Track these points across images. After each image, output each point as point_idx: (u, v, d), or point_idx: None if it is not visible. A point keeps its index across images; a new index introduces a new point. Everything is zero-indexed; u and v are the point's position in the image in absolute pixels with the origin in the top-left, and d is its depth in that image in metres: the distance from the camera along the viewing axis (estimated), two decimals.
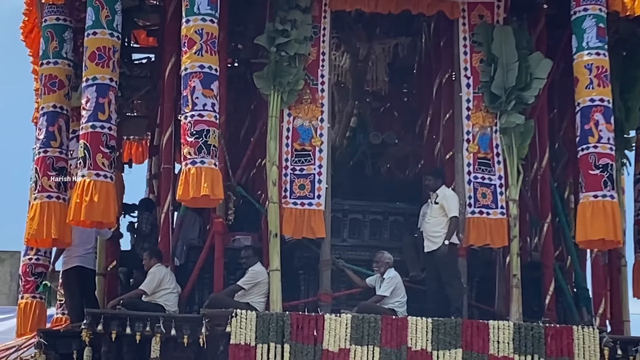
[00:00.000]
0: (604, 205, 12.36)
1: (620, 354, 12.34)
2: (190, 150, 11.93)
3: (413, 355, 11.82)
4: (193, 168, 11.83)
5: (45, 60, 13.65)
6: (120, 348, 11.98)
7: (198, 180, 11.78)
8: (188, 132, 12.02)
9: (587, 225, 12.39)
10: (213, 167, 11.95)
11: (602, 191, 12.43)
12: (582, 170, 12.71)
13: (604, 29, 12.71)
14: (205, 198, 11.91)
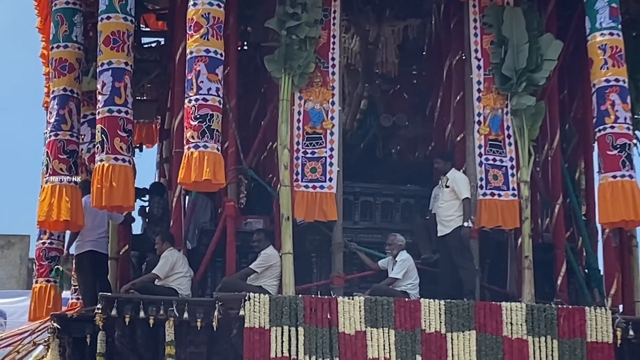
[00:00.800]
0: (623, 185, 12.39)
1: (633, 335, 12.36)
2: (194, 134, 11.98)
3: (427, 338, 11.84)
4: (196, 152, 11.89)
5: (55, 44, 13.67)
6: (134, 332, 12.02)
7: (200, 165, 11.82)
8: (192, 115, 12.06)
9: (609, 206, 12.42)
10: (216, 151, 11.99)
11: (621, 171, 12.45)
12: (600, 151, 12.73)
13: (616, 9, 12.71)
14: (207, 182, 11.96)
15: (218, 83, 12.19)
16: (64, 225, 13.66)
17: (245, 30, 14.08)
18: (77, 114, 13.67)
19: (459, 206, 12.71)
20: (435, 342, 11.86)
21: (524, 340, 11.95)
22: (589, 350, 12.04)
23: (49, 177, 13.29)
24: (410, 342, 11.84)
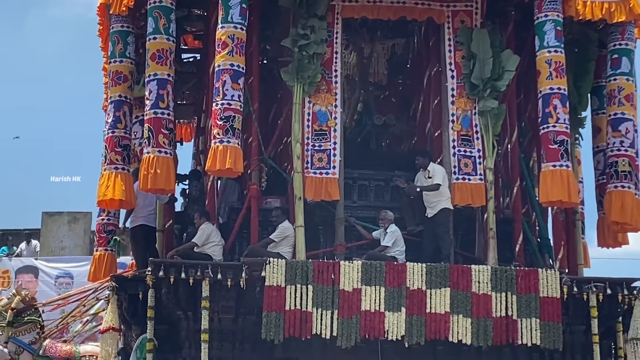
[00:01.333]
0: (561, 173, 12.55)
1: (576, 291, 12.42)
2: (219, 131, 12.20)
3: (411, 294, 11.96)
4: (220, 146, 12.11)
5: (112, 60, 13.79)
6: (177, 290, 12.11)
7: (223, 156, 12.03)
8: (218, 116, 12.28)
9: (548, 189, 12.57)
10: (236, 145, 12.21)
11: (560, 162, 12.59)
12: (543, 145, 12.87)
13: (561, 31, 12.81)
14: (228, 170, 12.17)
15: (239, 91, 12.36)
16: (118, 205, 13.85)
17: (265, 48, 14.10)
18: (130, 116, 13.84)
19: (441, 192, 12.86)
20: (417, 297, 11.98)
21: (488, 295, 12.07)
22: (541, 303, 12.13)
23: (106, 166, 13.44)
24: (397, 297, 11.96)
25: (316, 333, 11.78)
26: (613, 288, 12.57)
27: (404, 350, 11.98)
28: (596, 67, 14.26)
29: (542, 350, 12.23)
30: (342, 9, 13.44)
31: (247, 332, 12.17)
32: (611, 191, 13.24)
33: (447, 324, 11.98)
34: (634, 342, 12.41)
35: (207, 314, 11.93)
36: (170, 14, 12.88)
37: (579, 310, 12.53)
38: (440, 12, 13.60)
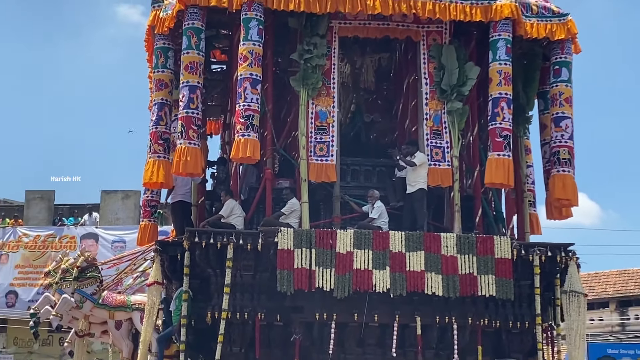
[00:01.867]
0: (503, 161, 12.73)
1: (523, 253, 12.63)
2: (241, 127, 12.32)
3: (393, 255, 12.14)
4: (242, 139, 12.25)
5: (156, 70, 13.93)
6: (207, 252, 12.28)
7: (244, 147, 12.18)
8: (240, 115, 12.38)
9: (493, 173, 12.74)
10: (255, 139, 12.33)
11: (503, 152, 12.75)
12: (490, 137, 12.98)
13: (510, 48, 12.87)
14: (249, 158, 12.34)
15: (257, 95, 12.45)
16: (159, 186, 14.02)
17: (277, 60, 14.06)
18: (169, 114, 13.96)
19: (420, 174, 12.95)
20: (398, 258, 12.16)
21: (454, 257, 12.26)
22: (496, 263, 12.32)
23: (151, 155, 13.53)
24: (382, 258, 12.13)
25: (318, 286, 11.96)
26: (552, 251, 12.76)
27: (389, 300, 12.12)
28: (541, 76, 14.28)
29: (497, 300, 12.37)
30: (338, 29, 13.48)
31: (263, 285, 12.31)
32: (554, 174, 13.35)
33: (422, 280, 12.13)
34: (568, 294, 12.65)
35: (231, 271, 12.09)
36: (201, 33, 12.95)
37: (525, 269, 12.66)
38: (416, 32, 13.65)
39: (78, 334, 15.18)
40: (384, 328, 12.26)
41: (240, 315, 12.19)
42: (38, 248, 28.34)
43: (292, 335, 12.25)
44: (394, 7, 12.79)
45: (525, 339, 12.81)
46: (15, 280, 28.11)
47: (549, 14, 13.35)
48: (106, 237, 28.08)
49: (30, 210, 30.07)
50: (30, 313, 15.65)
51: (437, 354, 12.45)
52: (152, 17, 13.71)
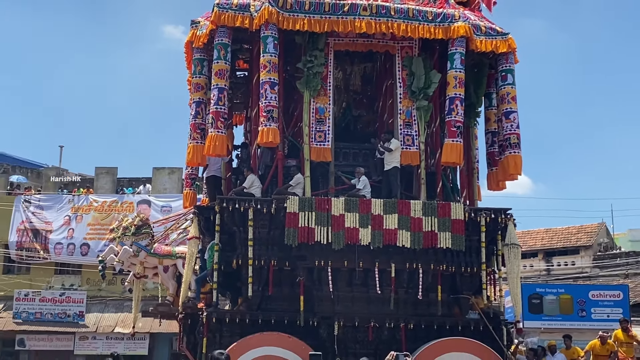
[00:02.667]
0: (456, 145, 12.76)
1: (473, 216, 12.65)
2: (264, 119, 12.28)
3: (374, 217, 12.15)
4: (265, 128, 12.19)
5: (194, 75, 13.93)
6: (233, 214, 12.27)
7: (267, 134, 12.17)
8: (263, 110, 12.33)
9: (448, 155, 12.77)
10: (275, 128, 12.27)
11: (456, 138, 12.76)
12: (447, 128, 12.90)
13: (463, 59, 12.85)
14: (270, 142, 12.30)
15: (275, 94, 12.44)
16: (197, 164, 14.17)
17: (286, 68, 13.97)
18: (205, 110, 13.86)
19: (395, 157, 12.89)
20: (378, 219, 12.17)
21: (420, 218, 12.27)
22: (452, 223, 12.33)
23: (191, 140, 13.61)
24: (366, 219, 12.15)
25: (317, 240, 12.00)
26: (495, 214, 12.81)
27: (370, 251, 12.16)
28: (487, 81, 14.26)
29: (452, 251, 12.37)
30: (333, 44, 13.44)
31: (275, 239, 12.28)
32: (508, 155, 13.40)
33: (395, 235, 12.17)
34: (507, 246, 12.70)
35: (251, 229, 12.16)
36: (228, 47, 12.89)
37: (474, 227, 12.68)
38: (393, 47, 13.59)
39: (135, 276, 15.22)
40: (367, 272, 12.25)
41: (258, 262, 12.20)
42: (105, 211, 28.46)
43: (297, 277, 12.31)
44: (375, 27, 12.77)
45: (474, 281, 12.80)
46: (87, 235, 28.27)
47: (494, 33, 13.27)
48: (156, 203, 28.16)
49: (98, 182, 30.15)
50: (99, 260, 15.71)
51: (407, 292, 12.45)
52: (191, 34, 13.69)
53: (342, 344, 12.06)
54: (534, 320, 25.53)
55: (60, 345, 26.90)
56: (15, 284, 28.02)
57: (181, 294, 13.33)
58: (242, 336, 11.67)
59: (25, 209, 28.76)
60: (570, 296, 26.01)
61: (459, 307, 12.91)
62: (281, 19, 12.55)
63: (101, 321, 27.28)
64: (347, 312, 12.19)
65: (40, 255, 28.30)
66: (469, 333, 12.36)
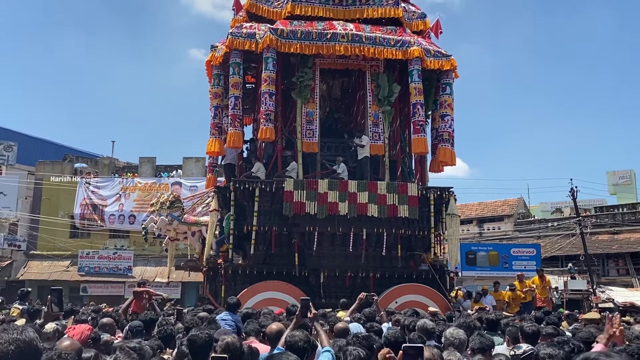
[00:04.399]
0: (422, 140, 12.67)
1: (424, 192, 12.62)
2: (263, 120, 12.17)
3: (350, 194, 12.04)
4: (264, 127, 12.11)
5: (213, 86, 13.68)
6: (244, 192, 12.18)
7: (265, 132, 12.10)
8: (263, 114, 12.21)
9: (416, 146, 12.66)
10: (272, 127, 12.18)
11: (420, 134, 12.63)
12: (413, 126, 12.77)
13: (420, 74, 12.75)
14: (267, 138, 12.19)
15: (272, 102, 12.29)
16: (216, 154, 13.90)
17: (284, 81, 13.74)
18: (222, 113, 13.71)
19: (365, 149, 12.81)
20: (353, 196, 12.06)
21: (384, 195, 12.15)
22: (409, 198, 12.25)
23: (211, 136, 13.46)
24: (344, 195, 12.04)
25: (307, 212, 11.92)
26: (441, 191, 12.80)
27: (347, 220, 12.07)
28: (435, 90, 14.08)
29: (409, 219, 12.29)
30: (319, 63, 13.28)
31: (275, 211, 12.18)
32: (441, 147, 13.27)
33: (366, 207, 12.08)
34: (449, 215, 12.69)
35: (257, 203, 12.09)
36: (240, 65, 12.71)
37: (425, 201, 12.64)
38: (364, 65, 13.47)
39: (170, 239, 15.19)
40: (345, 235, 12.20)
41: (263, 228, 12.14)
42: (146, 190, 28.29)
43: (292, 240, 12.29)
44: (351, 51, 12.68)
45: (425, 241, 12.75)
46: (133, 208, 28.15)
47: (440, 55, 13.18)
48: (186, 184, 28.00)
49: (142, 168, 29.95)
50: (142, 227, 15.69)
51: (375, 250, 12.40)
52: (210, 56, 13.55)
53: (327, 289, 12.09)
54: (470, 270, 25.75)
55: (113, 292, 26.96)
56: (79, 245, 27.99)
57: (205, 253, 13.32)
58: (251, 284, 11.68)
59: (86, 188, 28.61)
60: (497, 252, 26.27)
61: (413, 261, 12.94)
62: (279, 44, 12.44)
63: (144, 273, 27.25)
64: (330, 265, 12.19)
65: (98, 224, 28.22)
66: (421, 280, 12.41)
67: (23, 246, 28.13)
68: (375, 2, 13.34)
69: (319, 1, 13.25)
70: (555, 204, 43.83)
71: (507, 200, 37.92)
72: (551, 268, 28.48)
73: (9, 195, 28.16)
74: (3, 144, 29.47)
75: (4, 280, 27.05)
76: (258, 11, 13.58)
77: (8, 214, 27.86)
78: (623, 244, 28.95)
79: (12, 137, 33.96)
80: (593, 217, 31.06)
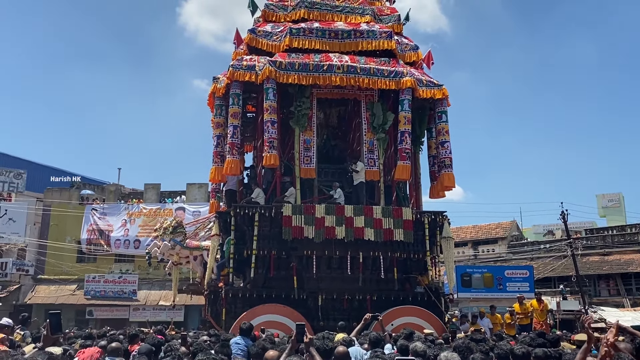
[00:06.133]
0: (407, 167, 12.66)
1: (419, 217, 12.57)
2: (267, 147, 12.12)
3: (347, 218, 11.98)
4: (268, 154, 12.08)
5: (215, 117, 13.71)
6: (244, 217, 12.10)
7: (269, 158, 12.10)
8: (266, 141, 12.19)
9: (400, 173, 12.66)
10: (275, 154, 12.15)
11: (406, 161, 12.64)
12: (399, 153, 12.76)
13: (410, 103, 12.78)
14: (272, 164, 12.19)
15: (275, 130, 12.30)
16: (218, 181, 13.95)
17: (283, 111, 13.69)
18: (223, 142, 13.59)
19: (360, 175, 12.78)
20: (349, 220, 11.98)
21: (380, 219, 12.05)
22: (404, 222, 12.18)
23: (213, 164, 13.44)
24: (341, 220, 11.96)
25: (305, 236, 11.85)
26: (435, 215, 12.76)
27: (344, 243, 11.98)
28: (428, 119, 14.16)
29: (404, 242, 12.20)
30: (316, 93, 13.34)
31: (274, 235, 12.07)
32: (443, 173, 13.22)
33: (362, 231, 12.00)
34: (444, 239, 12.61)
35: (257, 228, 12.00)
36: (240, 96, 12.77)
37: (419, 225, 12.55)
38: (359, 95, 13.50)
39: (173, 263, 15.12)
40: (342, 259, 12.10)
41: (262, 252, 12.05)
42: (151, 216, 28.19)
43: (291, 263, 12.18)
44: (347, 81, 12.77)
45: (420, 264, 12.66)
46: (139, 233, 28.00)
47: (432, 84, 13.28)
48: (189, 209, 27.88)
49: (147, 194, 29.87)
50: (146, 252, 15.60)
51: (371, 273, 12.29)
52: (213, 87, 13.67)
53: (325, 311, 11.94)
54: (465, 292, 25.46)
55: (118, 315, 26.67)
56: (85, 269, 27.78)
57: (206, 277, 13.22)
58: (251, 307, 11.53)
59: (93, 214, 28.54)
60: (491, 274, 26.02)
61: (409, 283, 12.81)
62: (278, 75, 12.50)
63: (149, 296, 27.06)
64: (327, 288, 12.04)
65: (104, 249, 28.07)
66: (417, 302, 12.27)
67: (31, 271, 27.91)
68: (370, 35, 13.44)
69: (316, 35, 13.36)
70: (547, 227, 43.71)
71: (501, 223, 37.81)
72: (544, 289, 28.26)
73: (18, 221, 28.05)
74: (13, 172, 29.48)
75: (12, 304, 26.76)
76: (258, 44, 13.64)
77: (17, 240, 27.72)
78: (613, 265, 28.77)
79: (22, 165, 34.02)
80: (584, 239, 30.93)
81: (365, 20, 14.03)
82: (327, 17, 14.06)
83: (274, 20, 14.25)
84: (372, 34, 13.46)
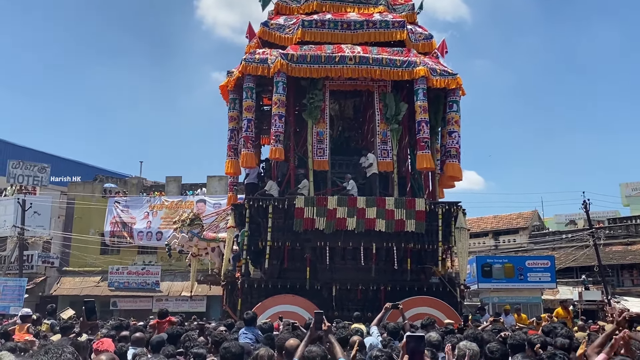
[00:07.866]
0: (426, 156, 12.61)
1: (432, 207, 12.51)
2: (273, 141, 12.24)
3: (359, 210, 12.01)
4: (274, 148, 12.19)
5: (229, 110, 13.89)
6: (258, 209, 12.24)
7: (274, 152, 12.22)
8: (273, 135, 12.31)
9: (421, 162, 12.62)
10: (281, 147, 12.23)
11: (425, 150, 12.62)
12: (418, 143, 12.77)
13: (425, 93, 12.72)
14: (277, 158, 12.31)
15: (282, 124, 12.37)
16: (232, 174, 14.19)
17: (296, 104, 13.83)
18: (238, 135, 13.76)
19: (373, 166, 12.77)
20: (361, 211, 12.00)
21: (392, 210, 12.06)
22: (417, 213, 12.14)
23: (227, 157, 13.66)
24: (353, 211, 11.99)
25: (316, 227, 11.94)
26: (449, 206, 12.70)
27: (356, 234, 12.03)
28: (443, 108, 13.99)
29: (417, 233, 12.20)
30: (329, 85, 13.36)
31: (288, 227, 12.16)
32: (448, 163, 13.19)
33: (374, 222, 12.02)
34: (457, 229, 12.53)
35: (271, 220, 12.13)
36: (253, 89, 12.90)
37: (433, 215, 12.52)
38: (372, 86, 13.50)
39: (192, 254, 15.38)
40: (355, 250, 12.16)
41: (276, 244, 12.18)
42: (173, 208, 28.60)
43: (304, 254, 12.29)
44: (359, 72, 12.78)
45: (434, 255, 12.61)
46: (160, 225, 28.48)
47: (446, 73, 13.19)
48: (210, 201, 28.25)
49: (168, 187, 30.32)
50: (165, 244, 15.90)
51: (385, 263, 12.33)
52: (226, 81, 13.78)
53: (339, 302, 12.04)
54: (486, 282, 25.33)
55: (142, 306, 27.14)
56: (109, 261, 28.38)
57: (223, 267, 13.43)
58: (267, 297, 11.71)
59: (116, 207, 29.09)
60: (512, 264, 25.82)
61: (424, 274, 12.84)
62: (290, 68, 12.57)
63: (171, 287, 27.55)
64: (341, 279, 12.12)
65: (127, 241, 28.60)
66: (432, 293, 12.29)
67: (56, 263, 28.65)
68: (382, 25, 13.42)
69: (328, 26, 13.39)
70: (569, 216, 43.06)
71: (522, 213, 37.39)
72: (566, 279, 27.94)
73: (43, 214, 28.76)
74: (37, 166, 30.19)
75: (39, 295, 27.54)
76: (270, 38, 13.70)
77: (42, 232, 28.44)
78: (637, 254, 28.27)
79: (46, 159, 34.79)
80: (606, 229, 30.43)
81: (378, 11, 14.00)
82: (341, 9, 14.07)
83: (287, 12, 14.29)
84: (384, 24, 13.44)
